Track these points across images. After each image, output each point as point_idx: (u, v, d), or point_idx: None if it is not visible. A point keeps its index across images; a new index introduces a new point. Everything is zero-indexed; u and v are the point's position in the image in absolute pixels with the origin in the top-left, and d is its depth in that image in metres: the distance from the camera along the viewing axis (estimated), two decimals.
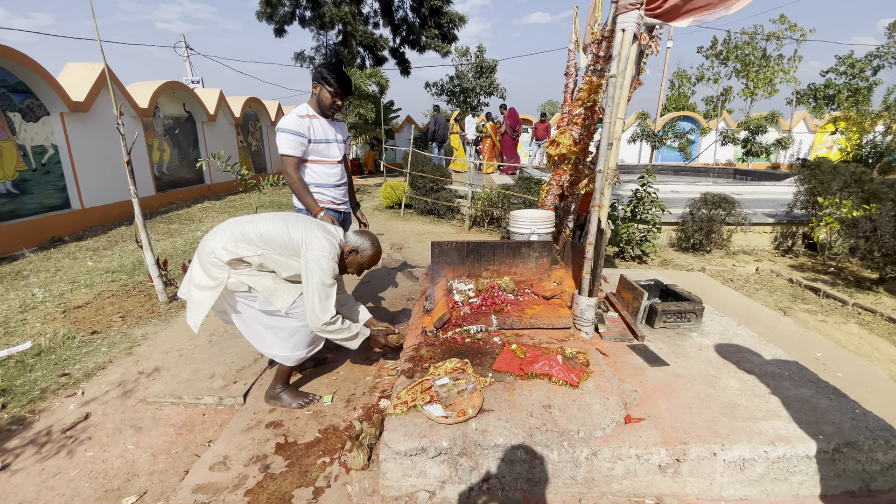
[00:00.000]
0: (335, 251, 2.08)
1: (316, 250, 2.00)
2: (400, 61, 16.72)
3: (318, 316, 2.00)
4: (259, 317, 2.13)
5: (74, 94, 7.07)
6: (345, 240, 2.21)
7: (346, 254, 2.19)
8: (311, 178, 2.59)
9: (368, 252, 2.20)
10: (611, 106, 2.15)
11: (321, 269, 1.99)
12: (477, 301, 2.44)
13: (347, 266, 2.24)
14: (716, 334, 2.54)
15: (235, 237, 2.03)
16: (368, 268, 2.29)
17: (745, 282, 4.47)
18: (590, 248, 2.24)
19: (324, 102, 2.47)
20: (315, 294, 1.99)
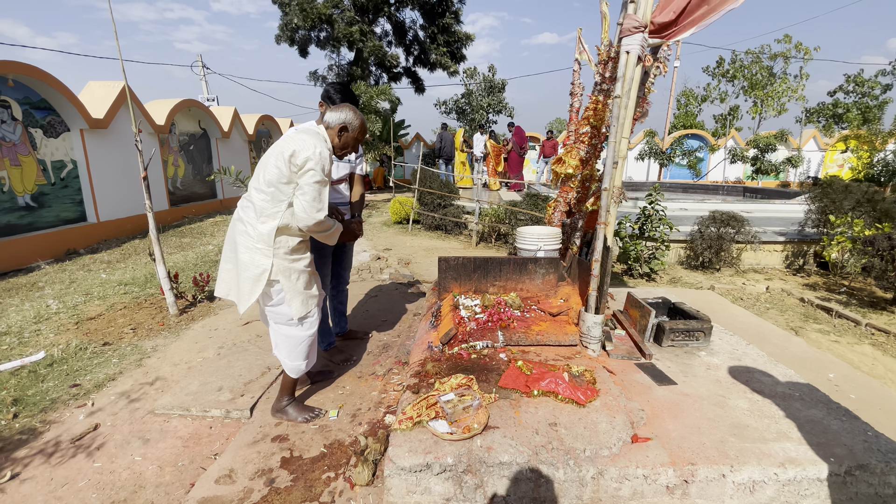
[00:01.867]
0: (323, 143, 2.01)
1: (305, 152, 1.93)
2: (413, 80, 17.03)
3: (312, 214, 1.96)
4: (273, 314, 2.17)
5: (95, 111, 7.30)
6: (327, 123, 2.12)
7: (338, 135, 2.12)
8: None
9: (356, 121, 2.13)
10: (616, 126, 2.18)
11: (314, 166, 1.93)
12: (483, 317, 2.45)
13: (344, 148, 2.18)
14: (725, 354, 2.52)
15: (254, 200, 2.04)
16: (362, 139, 2.22)
17: (755, 300, 4.42)
18: (596, 265, 2.25)
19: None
20: (309, 192, 1.94)
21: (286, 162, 1.96)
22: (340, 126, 2.11)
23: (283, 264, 2.05)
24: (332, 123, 2.11)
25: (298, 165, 1.95)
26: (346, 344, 3.17)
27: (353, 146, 2.21)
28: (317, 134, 2.06)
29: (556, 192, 9.29)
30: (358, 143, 2.21)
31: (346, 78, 14.44)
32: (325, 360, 2.90)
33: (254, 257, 2.03)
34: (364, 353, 3.01)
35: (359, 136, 2.18)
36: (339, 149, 2.18)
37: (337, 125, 2.11)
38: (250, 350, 3.24)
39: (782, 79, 22.51)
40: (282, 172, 1.97)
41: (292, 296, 2.08)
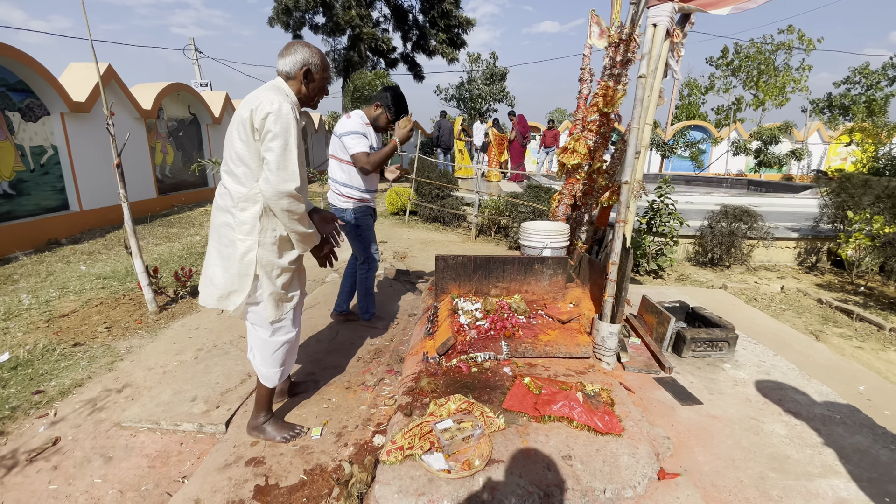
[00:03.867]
0: (284, 98, 1.69)
1: (263, 108, 1.63)
2: (411, 66, 16.59)
3: (275, 185, 1.64)
4: (250, 313, 1.92)
5: (76, 94, 6.94)
6: (285, 73, 1.79)
7: (304, 83, 1.81)
8: (347, 180, 2.83)
9: (316, 58, 1.80)
10: (639, 110, 1.91)
11: (272, 126, 1.63)
12: (485, 324, 2.20)
13: (314, 96, 1.88)
14: (751, 366, 2.28)
15: (228, 186, 1.78)
16: (329, 80, 1.93)
17: (770, 301, 4.19)
18: (613, 268, 1.99)
19: (378, 123, 2.80)
20: (271, 158, 1.64)
21: (247, 128, 1.67)
22: (303, 71, 1.78)
23: (267, 257, 1.79)
24: (291, 71, 1.79)
25: (258, 128, 1.65)
26: (380, 311, 3.37)
27: (323, 90, 1.91)
28: (276, 88, 1.74)
29: (559, 183, 9.00)
30: (326, 82, 1.91)
31: (342, 64, 14.02)
32: (366, 326, 3.16)
33: (238, 249, 1.77)
34: (353, 358, 2.77)
35: (325, 75, 1.86)
36: (309, 98, 1.86)
37: (298, 70, 1.78)
38: (231, 353, 2.99)
39: (785, 70, 22.12)
40: (247, 144, 1.69)
41: (268, 295, 1.82)
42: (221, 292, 1.81)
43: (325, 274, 4.81)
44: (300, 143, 1.76)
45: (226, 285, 1.80)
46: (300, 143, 1.76)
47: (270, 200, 1.68)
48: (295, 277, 1.95)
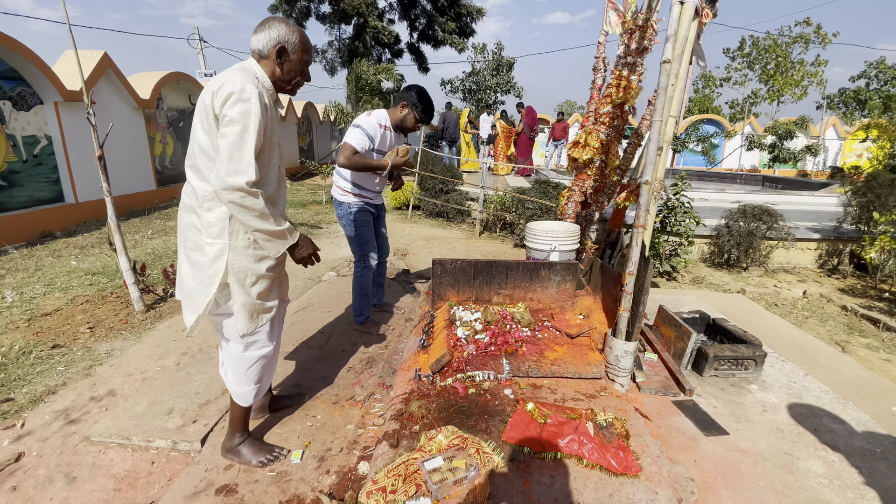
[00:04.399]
0: (253, 80, 1.47)
1: (225, 88, 1.41)
2: (417, 57, 16.27)
3: (223, 177, 1.40)
4: (218, 324, 1.72)
5: (70, 82, 6.76)
6: (258, 52, 1.57)
7: (277, 63, 1.57)
8: (347, 174, 2.72)
9: (294, 36, 1.57)
10: (662, 99, 1.67)
11: (230, 110, 1.40)
12: (485, 338, 1.99)
13: (292, 78, 1.63)
14: (781, 388, 2.05)
15: (193, 183, 1.57)
16: (308, 62, 1.68)
17: (791, 307, 3.94)
18: (630, 279, 1.77)
19: (406, 123, 2.65)
20: (224, 144, 1.41)
21: (209, 115, 1.46)
22: (277, 49, 1.55)
23: (241, 262, 1.58)
24: (263, 49, 1.55)
25: (218, 113, 1.43)
26: (380, 315, 3.25)
27: (302, 72, 1.67)
28: (244, 69, 1.52)
29: (568, 178, 8.72)
30: (306, 64, 1.67)
31: (346, 54, 13.75)
32: (359, 332, 2.99)
33: (207, 254, 1.56)
34: (344, 368, 2.57)
35: (304, 57, 1.63)
36: (285, 82, 1.62)
37: (271, 49, 1.55)
38: (216, 358, 2.80)
39: (800, 63, 21.50)
40: (210, 133, 1.47)
41: (240, 306, 1.61)
42: (191, 302, 1.61)
43: (322, 272, 4.62)
44: (269, 133, 1.54)
45: (196, 294, 1.60)
46: (269, 134, 1.54)
47: (218, 194, 1.45)
48: (274, 285, 1.74)
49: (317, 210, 8.21)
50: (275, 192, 1.66)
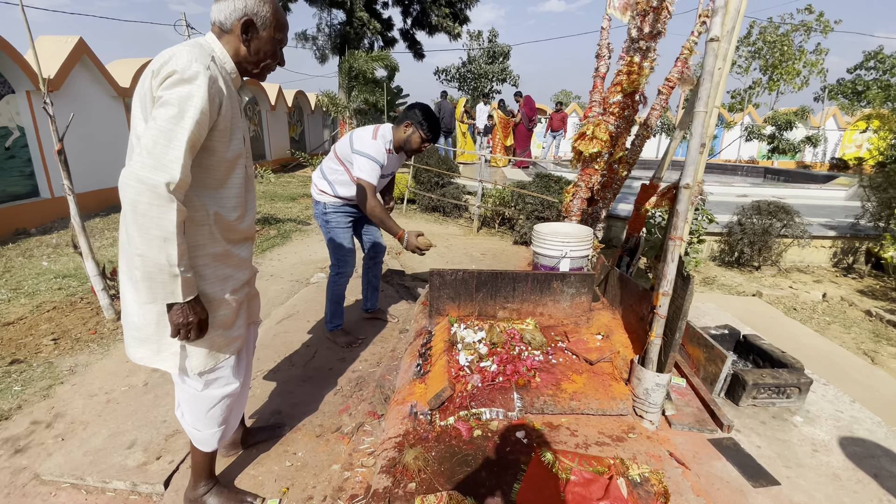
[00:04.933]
0: (205, 58, 1.16)
1: (169, 65, 1.12)
2: (411, 44, 15.80)
3: (138, 171, 1.07)
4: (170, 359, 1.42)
5: (43, 69, 6.35)
6: (219, 24, 1.25)
7: (243, 40, 1.26)
8: (347, 192, 2.51)
9: (265, 8, 1.26)
10: (707, 86, 1.38)
11: (167, 92, 1.11)
12: (491, 365, 1.71)
13: (261, 60, 1.31)
14: (828, 419, 1.80)
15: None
16: (283, 42, 1.35)
17: (811, 311, 3.70)
18: (664, 300, 1.50)
19: (410, 144, 2.43)
20: (149, 132, 1.09)
21: (148, 99, 1.16)
22: (243, 22, 1.24)
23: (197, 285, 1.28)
24: (226, 22, 1.24)
25: (155, 96, 1.14)
26: (361, 323, 3.04)
27: (273, 54, 1.34)
28: (197, 45, 1.21)
29: (567, 170, 8.40)
30: (279, 44, 1.34)
31: (337, 40, 13.28)
32: (328, 339, 2.76)
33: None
34: (330, 392, 2.29)
35: (277, 35, 1.31)
36: (252, 63, 1.31)
37: (235, 22, 1.24)
38: None
39: (801, 52, 21.18)
40: (147, 113, 1.17)
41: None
42: (139, 334, 1.32)
43: (310, 272, 4.33)
44: (229, 125, 1.24)
45: (143, 325, 1.30)
46: (229, 127, 1.24)
47: (121, 188, 1.10)
48: (242, 310, 1.45)
49: (307, 204, 7.88)
50: (240, 200, 1.36)
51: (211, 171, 1.26)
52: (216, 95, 1.17)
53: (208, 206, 1.27)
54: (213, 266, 1.31)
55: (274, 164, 12.61)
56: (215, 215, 1.28)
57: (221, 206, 1.31)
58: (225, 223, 1.32)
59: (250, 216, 1.45)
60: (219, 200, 1.30)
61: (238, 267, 1.40)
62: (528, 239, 5.60)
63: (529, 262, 5.24)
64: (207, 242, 1.28)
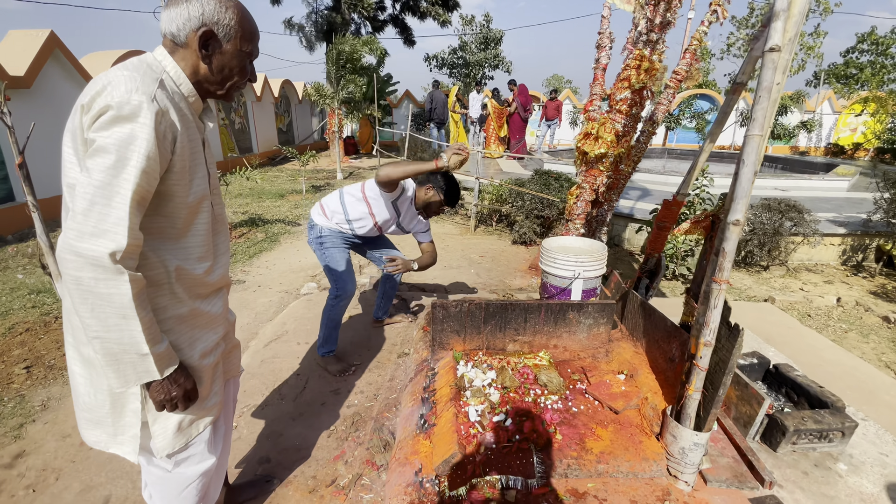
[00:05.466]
0: (150, 84, 0.92)
1: (104, 97, 0.88)
2: (402, 30, 15.34)
3: (72, 238, 0.87)
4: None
5: (13, 66, 5.99)
6: (171, 35, 1.00)
7: (202, 56, 1.01)
8: (353, 213, 2.43)
9: (229, 15, 1.01)
10: (764, 103, 1.17)
11: (102, 132, 0.88)
12: (506, 420, 1.52)
13: (222, 79, 1.07)
14: (873, 465, 1.64)
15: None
16: (252, 55, 1.10)
17: (826, 318, 3.55)
18: (706, 351, 1.31)
19: (431, 207, 2.52)
20: (89, 189, 0.87)
21: (79, 138, 0.93)
22: (201, 33, 0.99)
23: None
24: (179, 33, 0.99)
25: (87, 136, 0.91)
26: (356, 345, 2.88)
27: (241, 69, 1.09)
28: (141, 67, 0.96)
29: (565, 164, 8.16)
30: (248, 58, 1.09)
31: (324, 26, 12.80)
32: (320, 366, 2.60)
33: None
34: (324, 433, 2.09)
35: (246, 47, 1.06)
36: (216, 83, 1.07)
37: (192, 33, 0.99)
38: None
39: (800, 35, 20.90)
40: (81, 157, 0.93)
41: (155, 415, 1.10)
42: (92, 416, 1.10)
43: (300, 283, 4.10)
44: (186, 165, 1.00)
45: (96, 406, 1.09)
46: (186, 167, 1.00)
47: (60, 262, 0.89)
48: (217, 373, 1.24)
49: (296, 202, 7.60)
50: (208, 249, 1.14)
51: (169, 219, 1.03)
52: (167, 131, 0.94)
53: (168, 260, 1.04)
54: (178, 331, 1.09)
55: (261, 158, 12.25)
56: (177, 271, 1.06)
57: (185, 259, 1.08)
58: (190, 278, 1.10)
59: (222, 264, 1.23)
60: (181, 252, 1.07)
61: (209, 326, 1.18)
62: (527, 239, 5.40)
63: (531, 263, 5.05)
64: (169, 304, 1.06)
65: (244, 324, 3.30)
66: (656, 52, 3.56)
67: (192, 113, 1.06)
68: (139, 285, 0.92)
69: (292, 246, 5.29)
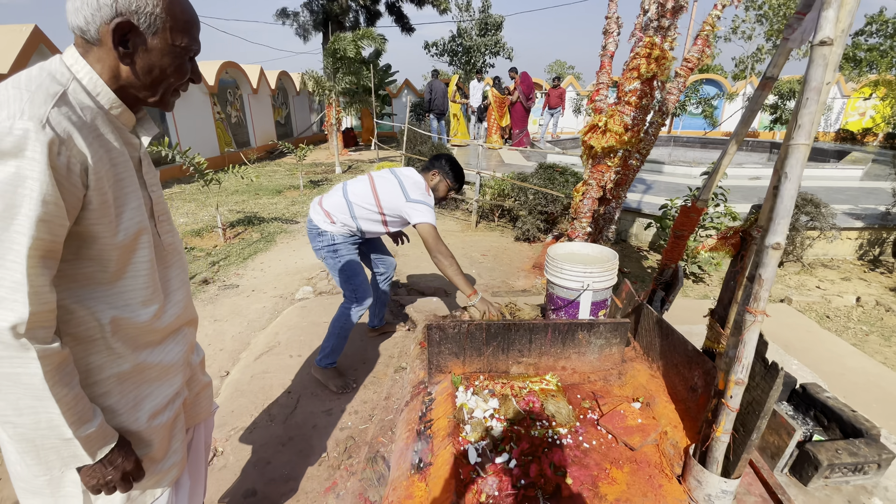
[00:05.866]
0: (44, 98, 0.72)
1: None
2: (398, 17, 14.98)
3: None
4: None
5: None
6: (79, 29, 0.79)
7: (117, 52, 0.81)
8: (370, 227, 2.33)
9: (150, 2, 0.80)
10: (813, 105, 1.00)
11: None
12: (510, 461, 1.37)
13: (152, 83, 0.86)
14: None
15: None
16: (189, 50, 0.89)
17: (846, 319, 3.38)
18: (737, 390, 1.14)
19: (438, 192, 2.40)
20: None
21: None
22: (115, 26, 0.78)
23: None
24: (89, 28, 0.78)
25: None
26: (351, 358, 2.68)
27: (178, 69, 0.88)
28: (41, 78, 0.75)
29: (569, 157, 7.94)
30: (185, 54, 0.88)
31: (321, 16, 12.48)
32: (316, 380, 2.47)
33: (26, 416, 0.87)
34: (315, 462, 1.95)
35: (181, 40, 0.85)
36: (145, 88, 0.86)
37: (104, 26, 0.78)
38: None
39: None
40: None
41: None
42: (27, 486, 0.95)
43: (296, 286, 3.95)
44: (110, 202, 0.81)
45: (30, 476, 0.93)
46: (112, 204, 0.81)
47: None
48: (176, 428, 1.07)
49: (293, 198, 7.42)
50: (153, 290, 0.94)
51: (98, 263, 0.84)
52: (72, 162, 0.74)
53: (100, 312, 0.85)
54: (118, 392, 0.91)
55: (259, 152, 12.05)
56: (114, 323, 0.87)
57: (123, 306, 0.89)
58: (132, 327, 0.91)
59: (177, 302, 1.03)
60: (117, 299, 0.88)
61: (161, 379, 0.99)
62: (531, 235, 5.22)
63: (535, 262, 4.88)
64: (106, 363, 0.88)
65: (236, 333, 3.16)
66: (667, 39, 3.35)
67: (118, 129, 0.86)
68: (55, 360, 0.75)
69: (288, 246, 5.13)
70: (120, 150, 0.84)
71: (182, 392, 1.06)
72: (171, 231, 1.02)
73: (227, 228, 5.54)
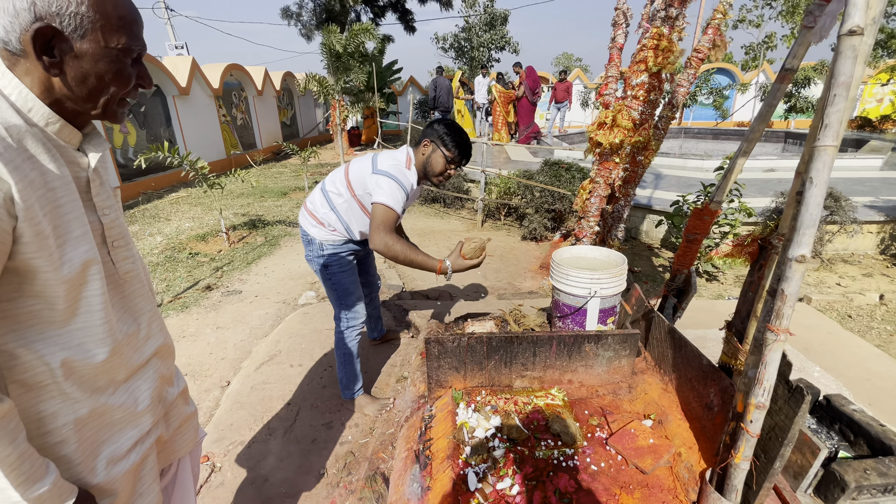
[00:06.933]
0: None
1: None
2: (402, 15, 14.88)
3: None
4: None
5: None
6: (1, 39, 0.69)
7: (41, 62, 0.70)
8: (342, 212, 2.02)
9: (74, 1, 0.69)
10: (841, 102, 0.89)
11: None
12: (512, 487, 1.29)
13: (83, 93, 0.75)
14: None
15: None
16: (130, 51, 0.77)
17: (869, 319, 3.24)
18: (758, 414, 1.05)
19: (432, 167, 1.94)
20: None
21: None
22: (34, 32, 0.67)
23: None
24: (9, 39, 0.68)
25: None
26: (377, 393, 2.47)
27: (118, 75, 0.77)
28: None
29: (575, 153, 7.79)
30: (125, 56, 0.77)
31: (322, 15, 12.42)
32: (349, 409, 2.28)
33: None
34: (314, 476, 1.89)
35: (113, 41, 0.74)
36: (83, 100, 0.76)
37: (25, 36, 0.67)
38: None
39: None
40: None
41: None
42: None
43: (299, 291, 3.90)
44: (48, 232, 0.71)
45: None
46: (50, 234, 0.71)
47: None
48: (144, 471, 0.95)
49: (298, 200, 7.39)
50: (108, 328, 0.83)
51: (43, 300, 0.75)
52: None
53: (49, 355, 0.76)
54: (76, 440, 0.81)
55: (265, 153, 12.06)
56: (65, 365, 0.78)
57: (77, 346, 0.79)
58: (87, 369, 0.81)
59: (141, 339, 0.93)
60: (69, 339, 0.78)
61: (125, 422, 0.89)
62: (538, 234, 5.12)
63: (542, 262, 4.78)
64: (60, 410, 0.79)
65: (238, 341, 3.12)
66: (676, 29, 3.22)
67: (58, 147, 0.76)
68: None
69: (292, 249, 5.09)
70: (58, 172, 0.74)
71: (154, 431, 0.98)
72: (130, 257, 0.91)
73: (232, 232, 5.52)
